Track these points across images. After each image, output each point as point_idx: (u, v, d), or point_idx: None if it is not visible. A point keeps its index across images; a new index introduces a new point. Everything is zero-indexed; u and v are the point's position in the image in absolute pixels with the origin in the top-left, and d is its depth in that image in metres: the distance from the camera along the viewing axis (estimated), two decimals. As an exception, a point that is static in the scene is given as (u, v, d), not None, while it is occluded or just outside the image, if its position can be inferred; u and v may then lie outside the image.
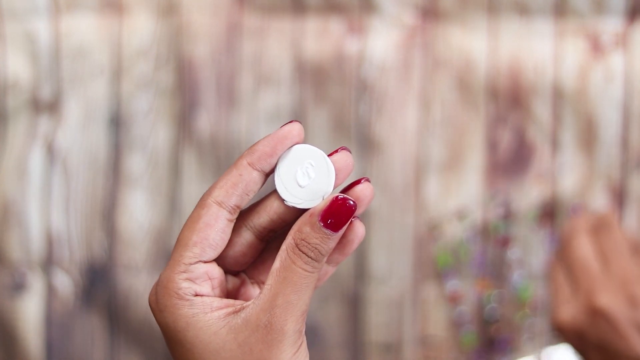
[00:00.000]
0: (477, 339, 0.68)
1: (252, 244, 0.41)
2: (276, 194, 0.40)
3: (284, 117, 0.68)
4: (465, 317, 0.68)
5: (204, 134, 0.68)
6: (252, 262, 0.43)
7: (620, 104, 0.66)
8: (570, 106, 0.67)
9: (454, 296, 0.67)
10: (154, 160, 0.69)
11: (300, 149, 0.40)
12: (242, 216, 0.41)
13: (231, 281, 0.42)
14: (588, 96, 0.66)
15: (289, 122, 0.40)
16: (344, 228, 0.38)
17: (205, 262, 0.39)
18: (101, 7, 0.69)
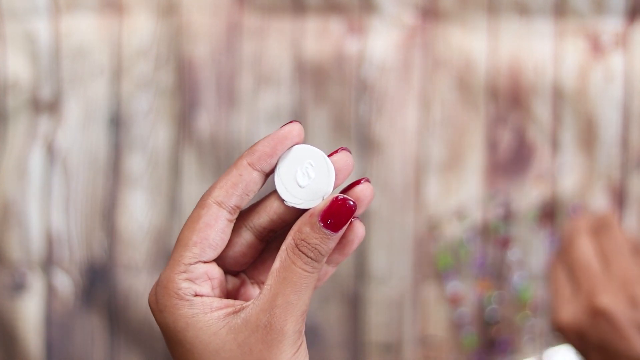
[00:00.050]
0: (478, 340, 0.68)
1: (252, 244, 0.41)
2: (276, 194, 0.40)
3: (284, 117, 0.68)
4: (465, 318, 0.68)
5: (204, 134, 0.68)
6: (252, 262, 0.43)
7: (620, 104, 0.66)
8: (570, 106, 0.67)
9: (454, 297, 0.67)
10: (154, 160, 0.69)
11: (300, 149, 0.40)
12: (242, 216, 0.41)
13: (231, 281, 0.42)
14: (588, 96, 0.66)
15: (289, 122, 0.40)
16: (343, 228, 0.38)
17: (205, 262, 0.39)
18: (101, 7, 0.69)
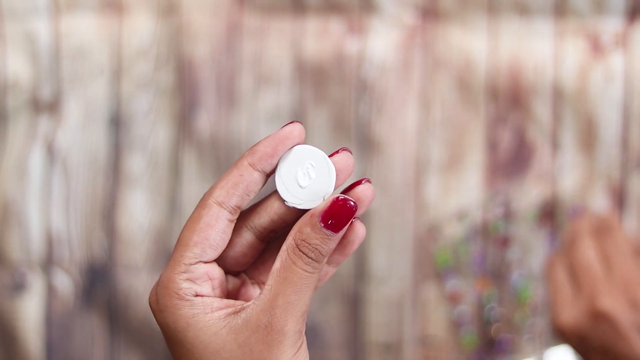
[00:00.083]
0: (477, 339, 0.68)
1: (253, 244, 0.41)
2: (277, 194, 0.40)
3: (284, 117, 0.68)
4: (465, 317, 0.68)
5: (204, 134, 0.68)
6: (253, 262, 0.43)
7: (620, 104, 0.66)
8: (570, 106, 0.67)
9: (453, 296, 0.67)
10: (154, 160, 0.69)
11: (301, 149, 0.40)
12: (243, 216, 0.41)
13: (231, 281, 0.42)
14: (588, 96, 0.66)
15: (290, 122, 0.39)
16: (344, 229, 0.38)
17: (206, 262, 0.39)
18: (101, 7, 0.69)
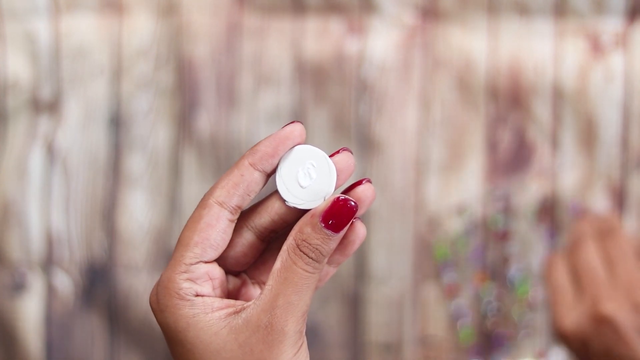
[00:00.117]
0: (474, 333, 0.68)
1: (253, 244, 0.41)
2: (277, 194, 0.40)
3: (284, 117, 0.68)
4: (462, 311, 0.68)
5: (204, 134, 0.68)
6: (253, 262, 0.43)
7: (620, 104, 0.66)
8: (570, 106, 0.67)
9: (451, 289, 0.67)
10: (154, 160, 0.69)
11: (301, 149, 0.40)
12: (243, 216, 0.41)
13: (232, 281, 0.42)
14: (588, 96, 0.66)
15: (291, 122, 0.39)
16: (345, 229, 0.38)
17: (206, 262, 0.39)
18: (101, 7, 0.69)
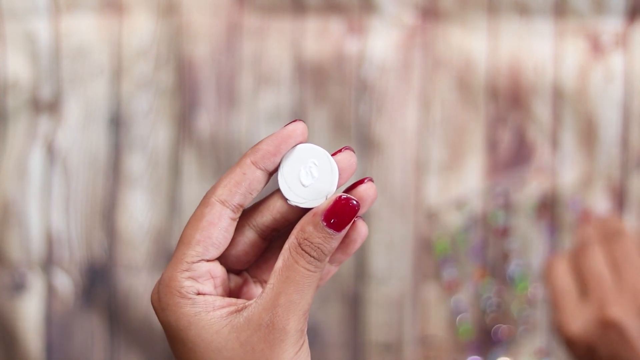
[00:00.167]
0: (474, 328, 0.68)
1: (255, 243, 0.41)
2: (279, 193, 0.40)
3: (284, 117, 0.68)
4: (461, 306, 0.68)
5: (204, 134, 0.68)
6: (255, 261, 0.43)
7: (620, 104, 0.66)
8: (570, 106, 0.67)
9: (450, 285, 0.67)
10: (154, 160, 0.69)
11: (303, 148, 0.40)
12: (245, 215, 0.41)
13: (234, 280, 0.42)
14: (588, 96, 0.66)
15: (293, 121, 0.39)
16: (346, 228, 0.38)
17: (208, 260, 0.39)
18: (101, 7, 0.69)
